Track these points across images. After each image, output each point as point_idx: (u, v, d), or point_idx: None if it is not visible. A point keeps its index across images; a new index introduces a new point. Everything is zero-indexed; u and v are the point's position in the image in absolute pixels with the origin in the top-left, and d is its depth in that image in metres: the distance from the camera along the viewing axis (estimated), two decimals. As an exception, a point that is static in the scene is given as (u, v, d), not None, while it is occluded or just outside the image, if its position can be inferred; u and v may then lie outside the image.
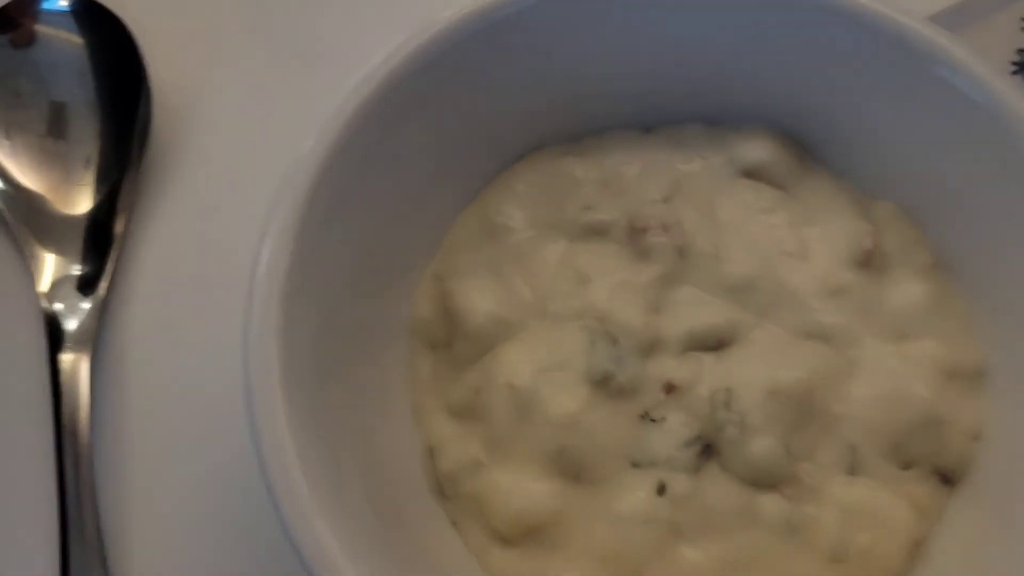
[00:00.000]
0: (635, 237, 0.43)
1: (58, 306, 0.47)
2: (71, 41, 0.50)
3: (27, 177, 0.49)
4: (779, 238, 0.42)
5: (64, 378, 0.46)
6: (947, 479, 0.40)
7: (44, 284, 0.48)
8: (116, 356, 0.47)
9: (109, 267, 0.48)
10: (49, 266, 0.48)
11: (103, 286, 0.48)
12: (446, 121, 0.43)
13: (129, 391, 0.47)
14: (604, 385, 0.40)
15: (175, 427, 0.46)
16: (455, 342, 0.42)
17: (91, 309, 0.48)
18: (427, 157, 0.43)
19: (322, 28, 0.54)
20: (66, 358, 0.46)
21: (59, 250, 0.48)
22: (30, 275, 0.48)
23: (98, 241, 0.49)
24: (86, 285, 0.48)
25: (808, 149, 0.45)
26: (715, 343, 0.41)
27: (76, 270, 0.48)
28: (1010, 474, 0.39)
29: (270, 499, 0.33)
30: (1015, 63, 0.53)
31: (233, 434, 0.38)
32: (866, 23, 0.40)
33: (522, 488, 0.39)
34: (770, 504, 0.39)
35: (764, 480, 0.39)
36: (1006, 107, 0.38)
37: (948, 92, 0.39)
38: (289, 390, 0.34)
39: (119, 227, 0.49)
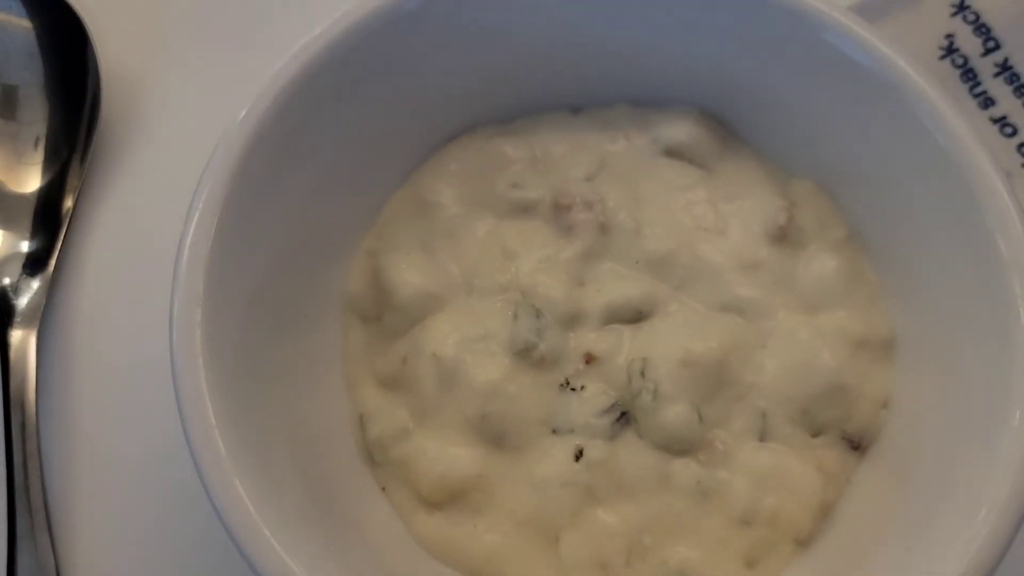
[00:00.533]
0: (559, 214, 0.44)
1: (7, 282, 0.49)
2: (20, 25, 0.51)
3: (-23, 157, 0.51)
4: (698, 215, 0.44)
5: (12, 353, 0.47)
6: (856, 445, 0.42)
7: (-7, 261, 0.49)
8: (64, 332, 0.49)
9: (58, 245, 0.50)
10: (-2, 243, 0.49)
11: (52, 264, 0.49)
12: (380, 101, 0.44)
13: (76, 366, 0.48)
14: (526, 355, 0.42)
15: (120, 400, 0.48)
16: (385, 315, 0.44)
17: (40, 286, 0.49)
18: (362, 137, 0.44)
19: (270, 10, 0.55)
20: (15, 334, 0.48)
21: (8, 228, 0.50)
22: (-21, 253, 0.49)
23: (47, 219, 0.50)
24: (35, 263, 0.49)
25: (731, 129, 0.47)
26: (634, 316, 0.43)
27: (25, 247, 0.50)
28: (915, 441, 0.41)
29: (192, 458, 0.34)
30: (943, 48, 0.54)
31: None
32: (773, 4, 0.41)
33: (446, 454, 0.41)
34: (683, 469, 0.40)
35: (677, 446, 0.41)
36: (904, 79, 0.39)
37: (851, 67, 0.40)
38: (212, 355, 0.35)
39: (68, 205, 0.50)
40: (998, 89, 0.53)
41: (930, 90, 0.39)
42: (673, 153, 0.45)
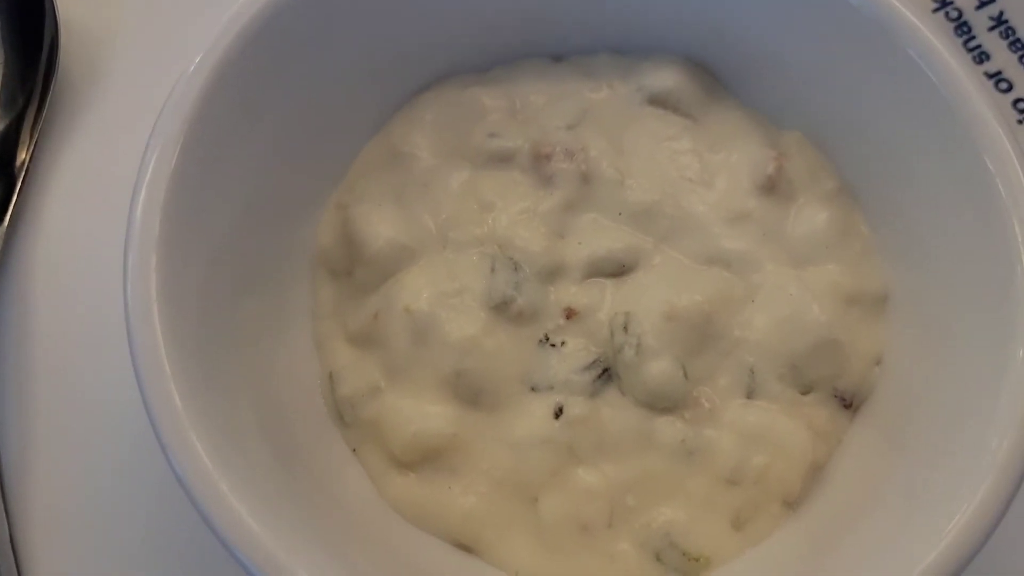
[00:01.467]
0: (539, 164, 0.42)
1: (-41, 235, 0.46)
2: (-26, -31, 0.49)
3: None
4: (683, 165, 0.42)
5: (-34, 310, 0.45)
6: (847, 404, 0.40)
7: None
8: (19, 289, 0.47)
9: (13, 199, 0.47)
10: (-50, 195, 0.47)
11: (6, 219, 0.47)
12: (351, 47, 0.42)
13: (32, 324, 0.46)
14: (504, 310, 0.40)
15: (78, 359, 0.45)
16: (356, 269, 0.42)
17: (-5, 241, 0.47)
18: (331, 84, 0.42)
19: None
20: (-31, 290, 0.46)
21: (-39, 180, 0.47)
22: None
23: (1, 172, 0.48)
24: (-10, 216, 0.47)
25: (718, 79, 0.45)
26: (617, 269, 0.41)
27: (-21, 200, 0.47)
28: (909, 399, 0.39)
29: (145, 410, 0.32)
30: (937, 1, 0.53)
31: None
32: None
33: (420, 412, 0.39)
34: (667, 427, 0.39)
35: (661, 403, 0.39)
36: (898, 18, 0.38)
37: (842, 8, 0.39)
38: (169, 304, 0.33)
39: (23, 158, 0.48)
40: (993, 43, 0.52)
41: (925, 30, 0.38)
42: (657, 102, 0.44)
